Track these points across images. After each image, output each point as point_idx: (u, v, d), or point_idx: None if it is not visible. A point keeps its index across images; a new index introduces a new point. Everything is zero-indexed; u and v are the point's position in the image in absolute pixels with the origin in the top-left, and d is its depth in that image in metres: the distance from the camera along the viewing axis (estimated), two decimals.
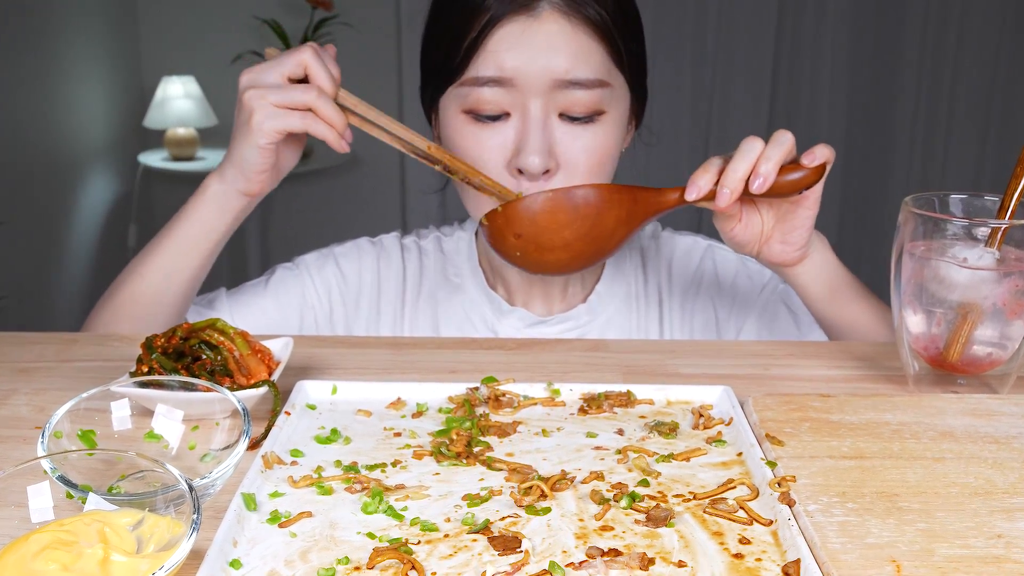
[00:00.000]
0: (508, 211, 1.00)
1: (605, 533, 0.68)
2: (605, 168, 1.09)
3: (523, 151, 1.04)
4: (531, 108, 1.04)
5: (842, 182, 4.08)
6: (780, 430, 0.81)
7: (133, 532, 0.61)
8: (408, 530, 0.68)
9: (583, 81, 1.04)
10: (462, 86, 1.06)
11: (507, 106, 1.05)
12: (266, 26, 3.72)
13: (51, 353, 1.01)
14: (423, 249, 1.28)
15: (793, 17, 3.89)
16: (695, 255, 1.28)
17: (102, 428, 0.74)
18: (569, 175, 1.06)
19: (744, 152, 0.96)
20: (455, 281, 1.25)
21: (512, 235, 1.00)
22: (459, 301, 1.24)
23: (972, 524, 0.67)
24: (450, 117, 1.09)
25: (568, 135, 1.05)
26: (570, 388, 0.91)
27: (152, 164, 3.65)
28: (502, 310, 1.22)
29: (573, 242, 1.00)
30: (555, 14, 1.03)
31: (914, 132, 4.00)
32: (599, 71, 1.05)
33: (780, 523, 0.68)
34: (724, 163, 0.98)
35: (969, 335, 0.87)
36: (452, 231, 1.29)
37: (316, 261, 1.27)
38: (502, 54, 1.03)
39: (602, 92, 1.05)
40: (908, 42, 3.91)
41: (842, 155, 4.04)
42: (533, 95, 1.04)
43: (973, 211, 0.92)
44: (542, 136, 1.04)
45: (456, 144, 1.08)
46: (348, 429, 0.84)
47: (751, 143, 0.96)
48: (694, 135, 4.00)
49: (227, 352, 0.86)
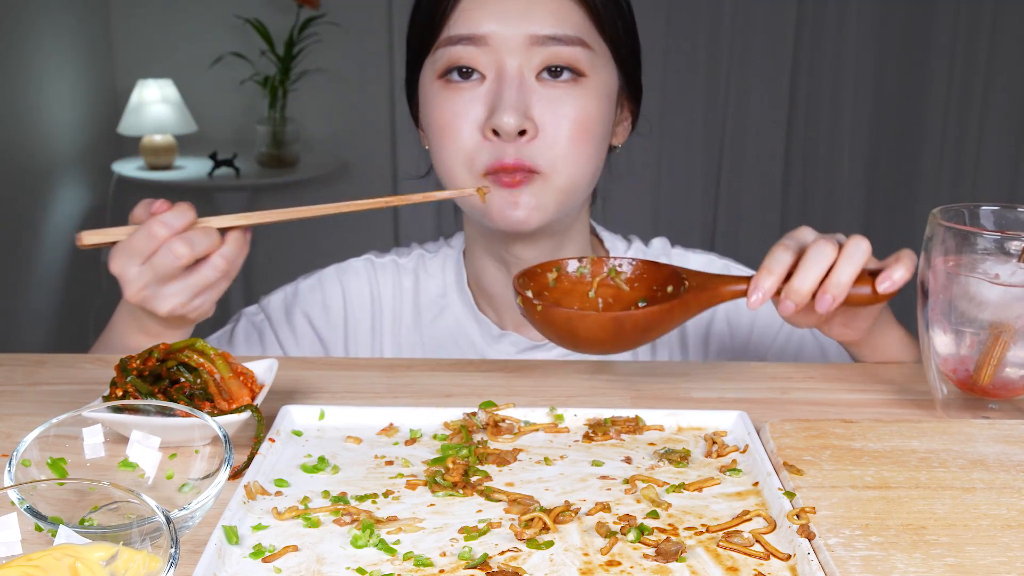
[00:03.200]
0: (548, 315, 0.96)
1: (612, 568, 0.68)
2: (588, 139, 1.09)
3: (497, 110, 1.06)
4: (507, 66, 1.07)
5: (866, 192, 4.09)
6: (799, 458, 0.81)
7: (107, 567, 0.61)
8: (401, 565, 0.68)
9: (561, 37, 1.07)
10: (437, 50, 1.09)
11: (482, 66, 1.08)
12: (249, 26, 3.73)
13: (18, 375, 1.01)
14: (401, 268, 1.28)
15: (814, 10, 3.90)
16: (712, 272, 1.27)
17: (73, 456, 0.74)
18: (549, 142, 1.07)
19: (814, 261, 0.93)
20: (439, 302, 1.25)
21: (547, 329, 0.98)
22: (444, 324, 1.24)
23: (1004, 559, 0.68)
24: (426, 88, 1.12)
25: (547, 97, 1.07)
26: (574, 413, 0.91)
27: (127, 173, 3.66)
28: (492, 334, 1.22)
29: (613, 350, 0.99)
30: None
31: (944, 138, 4.01)
32: (578, 31, 1.08)
33: (799, 558, 0.68)
34: (792, 259, 0.94)
35: (1001, 356, 0.88)
36: (437, 248, 1.29)
37: (280, 307, 1.27)
38: (475, 11, 1.07)
39: (582, 52, 1.08)
40: (937, 40, 3.92)
41: (866, 162, 4.05)
42: (508, 53, 1.07)
43: (1006, 224, 0.92)
44: (517, 94, 1.06)
45: (431, 114, 1.11)
46: (337, 457, 0.84)
47: (823, 249, 0.93)
48: (710, 138, 4.01)
49: (207, 375, 0.86)
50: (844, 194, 4.05)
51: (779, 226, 4.08)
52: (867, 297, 0.95)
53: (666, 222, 4.03)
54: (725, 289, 0.96)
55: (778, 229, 4.09)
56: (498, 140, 1.06)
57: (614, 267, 1.04)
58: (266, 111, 3.77)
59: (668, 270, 1.01)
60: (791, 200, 4.09)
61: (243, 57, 3.79)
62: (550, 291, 1.03)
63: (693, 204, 4.05)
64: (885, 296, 0.94)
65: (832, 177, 4.06)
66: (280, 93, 3.74)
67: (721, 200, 4.05)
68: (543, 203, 1.09)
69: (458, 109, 1.08)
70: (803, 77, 3.97)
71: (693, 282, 0.98)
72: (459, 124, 1.08)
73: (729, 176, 4.03)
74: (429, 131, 1.13)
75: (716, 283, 0.97)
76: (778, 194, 4.07)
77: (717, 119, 4.00)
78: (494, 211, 1.09)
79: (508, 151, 1.07)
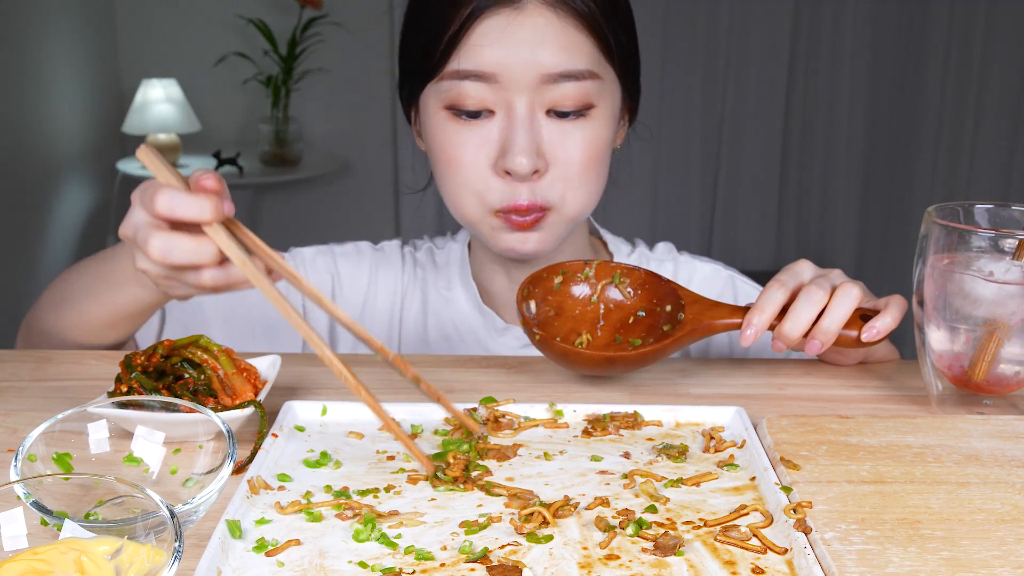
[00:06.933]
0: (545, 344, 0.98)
1: (611, 562, 0.68)
2: (597, 166, 1.09)
3: (509, 152, 1.04)
4: (516, 105, 1.04)
5: (862, 192, 4.09)
6: (796, 453, 0.81)
7: (111, 561, 0.61)
8: (402, 559, 0.68)
9: (572, 72, 1.04)
10: (443, 80, 1.06)
11: (491, 103, 1.05)
12: (252, 26, 3.73)
13: (24, 372, 1.01)
14: (417, 260, 1.28)
15: (810, 13, 3.90)
16: (716, 283, 1.26)
17: (78, 451, 0.74)
18: (560, 174, 1.06)
19: (804, 306, 0.94)
20: (445, 295, 1.25)
21: (544, 352, 1.00)
22: (449, 317, 1.24)
23: (999, 553, 0.68)
24: (431, 114, 1.09)
25: (557, 132, 1.06)
26: (573, 409, 0.91)
27: (132, 172, 3.66)
28: (496, 328, 1.22)
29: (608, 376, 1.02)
30: (540, 7, 1.03)
31: (938, 137, 4.01)
32: (589, 63, 1.05)
33: (795, 552, 0.68)
34: (785, 298, 0.95)
35: (995, 353, 0.88)
36: (444, 242, 1.29)
37: (313, 256, 1.27)
38: (485, 48, 1.03)
39: (592, 84, 1.05)
40: (932, 41, 3.92)
41: (862, 162, 4.05)
42: (518, 92, 1.04)
43: (1000, 222, 0.92)
44: (529, 135, 1.04)
45: (437, 143, 1.09)
46: (339, 452, 0.84)
47: (813, 296, 0.94)
48: (707, 140, 4.01)
49: (211, 371, 0.86)
50: (840, 194, 4.05)
51: (776, 227, 4.08)
52: (853, 341, 0.96)
53: (663, 223, 4.03)
54: (719, 323, 0.98)
55: (775, 230, 4.09)
56: (510, 178, 1.05)
57: (618, 274, 1.04)
58: (269, 110, 3.77)
59: (668, 287, 1.02)
60: (787, 201, 4.09)
61: (246, 57, 3.79)
62: (554, 295, 1.03)
63: (690, 205, 4.05)
64: (869, 344, 0.96)
65: (828, 178, 4.06)
66: (283, 92, 3.74)
67: (718, 201, 4.05)
68: (553, 235, 1.10)
69: (468, 146, 1.06)
70: (799, 79, 3.97)
71: (689, 312, 0.98)
72: (469, 161, 1.06)
73: (726, 177, 4.03)
74: (434, 158, 1.11)
75: (710, 315, 0.98)
76: (775, 195, 4.07)
77: (714, 120, 4.00)
78: (503, 246, 1.10)
79: (521, 191, 1.06)
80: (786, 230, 4.09)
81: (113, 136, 3.81)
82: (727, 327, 0.97)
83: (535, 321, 1.01)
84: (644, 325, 1.02)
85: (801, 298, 0.94)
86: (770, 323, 0.95)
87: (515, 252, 1.10)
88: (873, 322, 0.95)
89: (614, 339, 1.02)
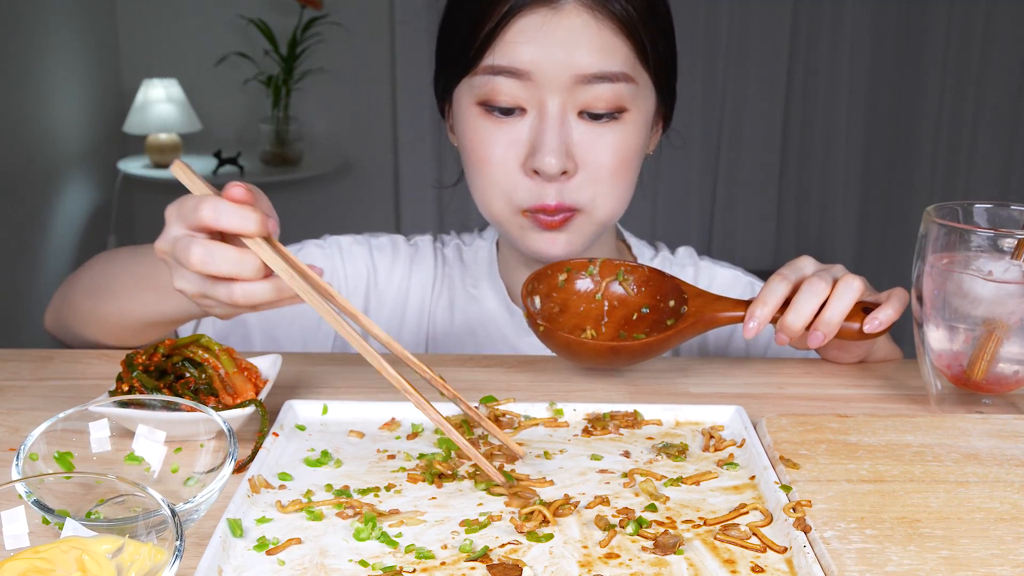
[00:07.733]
0: (549, 335, 0.99)
1: (611, 561, 0.68)
2: (628, 171, 1.09)
3: (539, 151, 1.04)
4: (548, 105, 1.04)
5: (861, 191, 4.08)
6: (795, 452, 0.81)
7: (113, 560, 0.61)
8: (403, 558, 0.68)
9: (606, 74, 1.03)
10: (476, 75, 1.06)
11: (523, 101, 1.05)
12: (252, 26, 3.73)
13: (26, 371, 1.01)
14: (446, 257, 1.28)
15: (809, 13, 3.90)
16: (736, 288, 1.26)
17: (80, 450, 0.74)
18: (590, 176, 1.06)
19: (806, 298, 0.94)
20: (472, 292, 1.25)
21: (549, 345, 1.00)
22: (475, 314, 1.24)
23: (998, 551, 0.68)
24: (463, 108, 1.09)
25: (588, 134, 1.05)
26: (573, 408, 0.91)
27: (132, 171, 3.66)
28: (524, 327, 1.21)
29: (612, 368, 1.02)
30: (579, 8, 1.03)
31: (937, 137, 4.01)
32: (623, 65, 1.05)
33: (795, 550, 0.68)
34: (788, 291, 0.96)
35: (995, 352, 0.88)
36: (472, 239, 1.29)
37: (350, 245, 1.27)
38: (520, 46, 1.03)
39: (625, 87, 1.05)
40: (931, 41, 3.92)
41: (861, 162, 4.05)
42: (551, 91, 1.04)
43: (999, 221, 0.92)
44: (559, 135, 1.04)
45: (468, 139, 1.09)
46: (339, 451, 0.84)
47: (816, 287, 0.95)
48: (707, 139, 4.00)
49: (212, 370, 0.86)
50: (839, 194, 4.05)
51: (775, 226, 4.08)
52: (855, 333, 0.96)
53: (663, 222, 4.03)
54: (721, 315, 0.98)
55: (774, 229, 4.09)
56: (538, 178, 1.05)
57: (622, 271, 1.04)
58: (269, 110, 3.77)
59: (671, 284, 1.02)
60: (787, 200, 4.09)
61: (247, 57, 3.79)
62: (558, 291, 1.03)
63: (690, 204, 4.05)
64: (872, 335, 0.96)
65: (827, 177, 4.05)
66: (283, 92, 3.74)
67: (717, 200, 4.05)
68: (582, 237, 1.10)
69: (498, 144, 1.06)
70: (799, 78, 3.97)
71: (692, 306, 0.99)
72: (498, 159, 1.06)
73: (725, 177, 4.03)
74: (465, 154, 1.11)
75: (713, 308, 0.98)
76: (774, 194, 4.07)
77: (714, 120, 4.00)
78: (531, 247, 1.10)
79: (549, 192, 1.06)
80: (785, 230, 4.09)
81: (114, 136, 3.81)
82: (730, 320, 0.98)
83: (539, 316, 1.01)
84: (648, 321, 1.02)
85: (803, 290, 0.95)
86: (773, 316, 0.95)
87: (543, 255, 1.09)
88: (875, 313, 0.95)
89: (618, 335, 1.02)
